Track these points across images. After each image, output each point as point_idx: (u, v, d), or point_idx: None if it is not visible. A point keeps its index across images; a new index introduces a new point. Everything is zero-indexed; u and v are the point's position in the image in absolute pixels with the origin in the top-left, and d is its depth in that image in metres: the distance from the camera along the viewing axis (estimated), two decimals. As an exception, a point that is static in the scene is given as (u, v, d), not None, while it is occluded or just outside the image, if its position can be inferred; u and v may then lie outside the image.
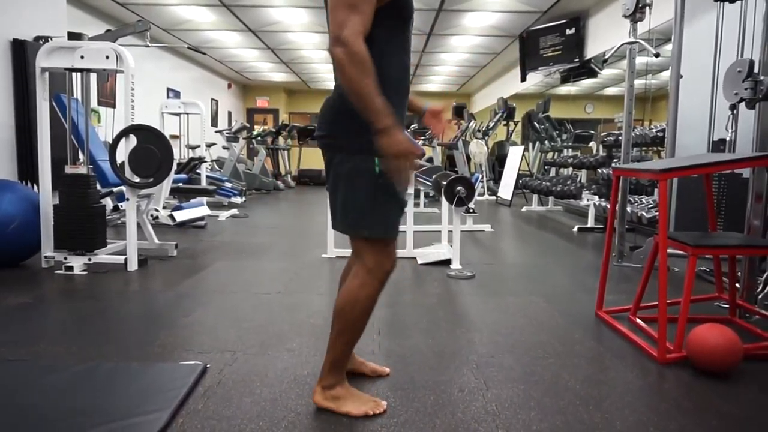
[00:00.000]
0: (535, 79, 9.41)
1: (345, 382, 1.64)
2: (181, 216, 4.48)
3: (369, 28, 1.36)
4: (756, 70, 2.54)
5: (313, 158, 12.12)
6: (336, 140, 1.51)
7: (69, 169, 3.34)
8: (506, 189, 8.30)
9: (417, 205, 6.93)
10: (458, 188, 3.58)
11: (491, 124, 9.67)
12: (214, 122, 12.66)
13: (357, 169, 1.48)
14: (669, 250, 2.13)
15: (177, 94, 10.29)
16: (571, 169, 7.72)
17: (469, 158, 9.42)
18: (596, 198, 5.77)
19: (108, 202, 4.12)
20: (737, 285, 2.59)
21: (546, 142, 9.30)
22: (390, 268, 1.57)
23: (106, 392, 1.68)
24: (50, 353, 2.03)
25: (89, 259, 3.36)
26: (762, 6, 2.62)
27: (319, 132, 1.56)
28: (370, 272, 1.54)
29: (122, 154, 3.41)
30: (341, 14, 1.33)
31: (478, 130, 9.76)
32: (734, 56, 3.14)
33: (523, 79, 8.94)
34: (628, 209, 4.41)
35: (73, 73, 3.46)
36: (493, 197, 8.99)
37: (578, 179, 7.13)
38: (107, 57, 3.30)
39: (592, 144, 9.04)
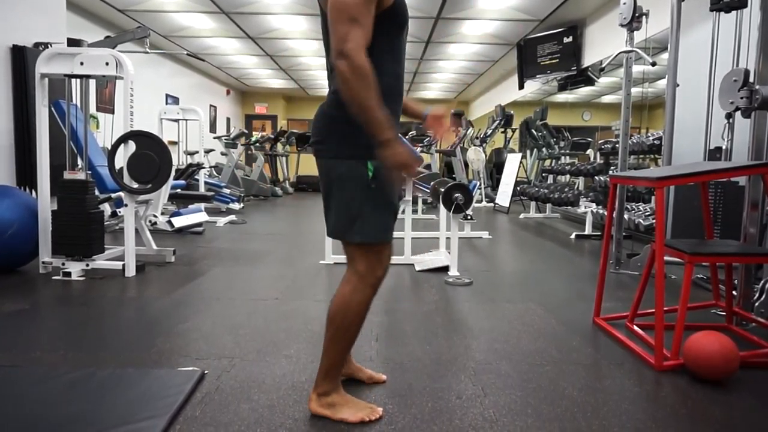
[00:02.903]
0: (533, 87, 9.45)
1: (340, 388, 1.64)
2: (179, 222, 4.48)
3: (370, 41, 1.38)
4: (751, 79, 2.56)
5: (312, 165, 12.10)
6: (328, 146, 1.52)
7: (67, 175, 3.34)
8: (504, 196, 8.32)
9: (415, 211, 6.94)
10: (456, 195, 3.59)
11: (489, 132, 9.71)
12: (213, 128, 12.68)
13: (349, 174, 1.49)
14: (666, 258, 2.14)
15: (176, 101, 10.30)
16: (568, 176, 7.74)
17: (467, 165, 9.45)
18: (593, 205, 5.79)
19: (106, 208, 4.12)
20: (734, 293, 2.60)
21: (544, 149, 9.32)
22: (382, 274, 1.58)
23: (102, 399, 1.67)
24: (46, 360, 2.03)
25: (87, 265, 3.36)
26: (757, 16, 2.65)
27: (312, 138, 1.57)
28: (362, 278, 1.55)
29: (121, 159, 3.41)
30: (343, 28, 1.33)
31: (476, 138, 9.79)
32: (730, 65, 3.16)
33: (521, 87, 8.98)
34: (626, 217, 4.42)
35: (73, 79, 3.47)
36: (491, 204, 9.01)
37: (576, 186, 7.15)
38: (107, 63, 3.31)
39: (590, 151, 9.07)
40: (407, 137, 9.18)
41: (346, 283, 1.57)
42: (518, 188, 8.00)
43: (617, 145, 4.55)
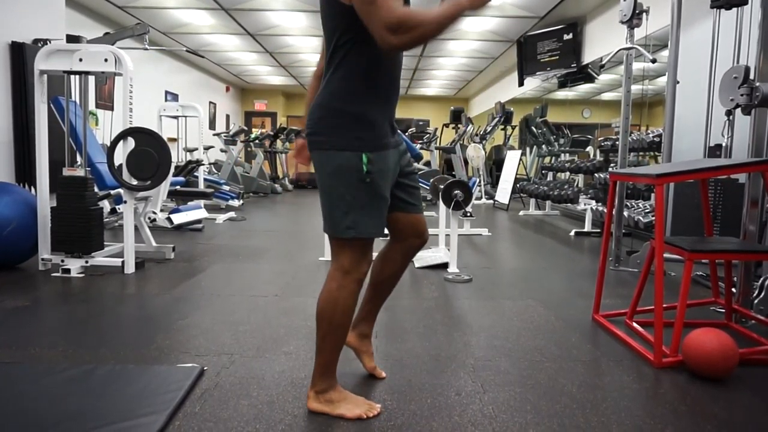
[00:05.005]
0: (533, 84, 9.44)
1: (337, 385, 1.64)
2: (178, 219, 4.48)
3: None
4: (752, 76, 2.56)
5: (311, 162, 12.08)
6: (323, 137, 1.50)
7: (66, 172, 3.33)
8: (503, 193, 8.32)
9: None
10: (456, 192, 3.59)
11: (489, 129, 9.69)
12: (212, 125, 12.66)
13: (345, 165, 1.47)
14: (665, 255, 2.14)
15: (175, 97, 10.28)
16: (568, 173, 7.73)
17: (466, 162, 9.44)
18: (593, 202, 5.78)
19: (105, 205, 4.12)
20: (733, 290, 2.60)
21: (543, 146, 9.31)
22: (367, 268, 1.58)
23: (102, 395, 1.67)
24: (46, 356, 2.03)
25: (86, 262, 3.35)
26: (758, 13, 2.64)
27: (306, 130, 1.55)
28: (347, 274, 1.54)
29: (120, 156, 3.41)
30: (389, 5, 1.29)
31: (476, 135, 9.78)
32: (730, 62, 3.16)
33: (521, 84, 8.96)
34: (625, 214, 4.42)
35: (72, 76, 3.46)
36: (491, 201, 9.00)
37: (575, 184, 7.15)
38: (106, 60, 3.30)
39: (590, 149, 9.06)
40: (406, 134, 9.17)
41: (330, 281, 1.55)
42: (518, 185, 7.99)
43: (617, 143, 4.55)
